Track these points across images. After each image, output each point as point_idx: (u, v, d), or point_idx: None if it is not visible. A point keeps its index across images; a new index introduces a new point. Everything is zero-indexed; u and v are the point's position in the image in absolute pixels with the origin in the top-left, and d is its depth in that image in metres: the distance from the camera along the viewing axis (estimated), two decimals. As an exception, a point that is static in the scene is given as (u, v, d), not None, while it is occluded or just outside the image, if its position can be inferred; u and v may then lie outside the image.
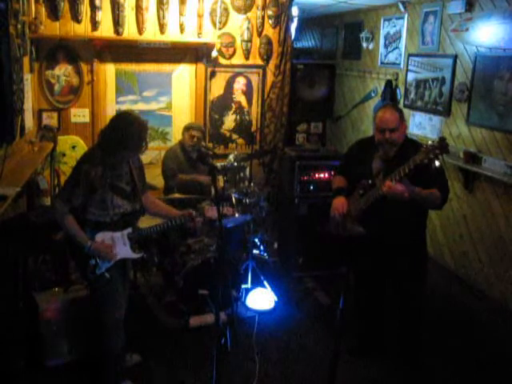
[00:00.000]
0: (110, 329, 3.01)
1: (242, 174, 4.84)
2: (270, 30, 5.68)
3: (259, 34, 5.64)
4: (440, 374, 3.41)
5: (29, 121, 4.53)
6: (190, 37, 5.38)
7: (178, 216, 3.20)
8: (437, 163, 2.80)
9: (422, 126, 5.17)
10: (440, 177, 3.04)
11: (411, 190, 2.87)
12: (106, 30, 5.12)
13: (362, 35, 6.06)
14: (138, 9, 5.15)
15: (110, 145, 2.84)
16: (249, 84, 5.78)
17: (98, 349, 3.07)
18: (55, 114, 5.16)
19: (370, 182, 3.12)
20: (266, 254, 4.94)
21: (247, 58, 5.66)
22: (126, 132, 2.81)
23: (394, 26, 5.63)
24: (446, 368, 3.46)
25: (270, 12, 5.61)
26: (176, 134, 5.41)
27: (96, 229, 2.90)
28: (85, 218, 2.87)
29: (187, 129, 4.63)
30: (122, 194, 2.94)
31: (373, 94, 6.09)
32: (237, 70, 5.70)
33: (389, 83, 5.64)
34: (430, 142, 2.78)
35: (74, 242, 2.87)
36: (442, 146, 2.74)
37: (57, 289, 3.49)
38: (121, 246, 2.98)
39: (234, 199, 4.41)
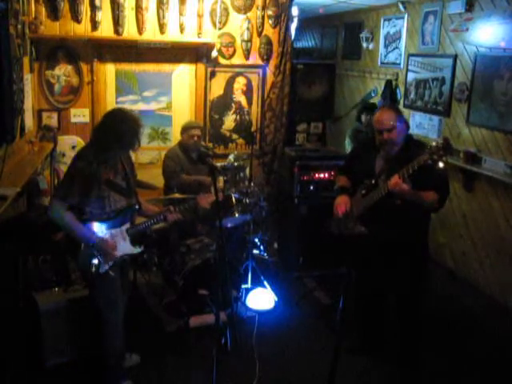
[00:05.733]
0: (111, 328, 3.01)
1: (241, 174, 4.84)
2: (270, 30, 5.68)
3: (259, 34, 5.64)
4: (440, 373, 3.41)
5: (29, 121, 4.53)
6: (190, 37, 5.37)
7: (157, 214, 3.23)
8: (440, 164, 2.81)
9: (421, 125, 5.17)
10: (442, 178, 3.04)
11: (413, 193, 2.91)
12: (105, 30, 5.11)
13: (362, 35, 6.06)
14: (138, 9, 5.14)
15: (102, 142, 2.84)
16: (249, 84, 5.78)
17: (99, 349, 3.08)
18: (55, 114, 5.15)
19: (372, 182, 3.13)
20: (265, 254, 4.94)
21: (247, 58, 5.66)
22: (118, 129, 2.81)
23: (394, 26, 5.63)
24: (446, 368, 3.46)
25: (269, 12, 5.60)
26: (176, 134, 5.40)
27: (93, 227, 2.88)
28: (81, 218, 2.85)
29: (186, 129, 4.61)
30: (118, 189, 2.95)
31: (373, 94, 6.09)
32: (237, 69, 5.70)
33: (389, 83, 5.65)
34: (433, 143, 2.79)
35: (76, 238, 2.85)
36: (446, 147, 2.75)
37: (57, 289, 3.49)
38: (121, 242, 2.97)
39: (233, 199, 4.41)
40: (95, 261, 2.85)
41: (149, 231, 3.71)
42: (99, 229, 2.90)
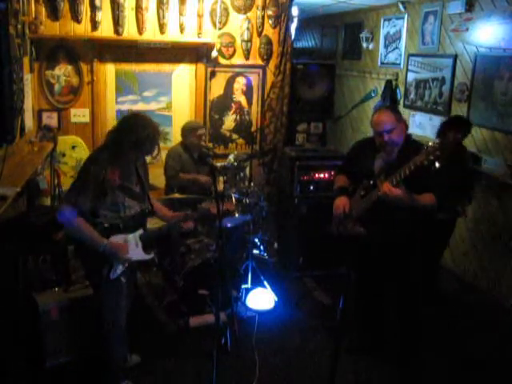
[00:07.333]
0: (115, 333, 3.00)
1: (241, 174, 4.84)
2: (270, 30, 5.68)
3: (259, 34, 5.65)
4: (440, 373, 3.41)
5: (29, 121, 4.53)
6: (190, 37, 5.37)
7: (172, 219, 3.21)
8: (437, 165, 2.80)
9: (422, 126, 5.17)
10: (439, 179, 3.04)
11: (407, 197, 2.89)
12: (106, 29, 5.11)
13: (362, 35, 6.06)
14: (138, 9, 5.15)
15: (119, 146, 2.76)
16: (249, 84, 5.78)
17: (101, 351, 3.07)
18: (55, 114, 5.15)
19: (371, 182, 3.12)
20: (265, 254, 4.94)
21: (247, 58, 5.66)
22: (139, 135, 2.74)
23: (394, 26, 5.63)
24: (446, 368, 3.46)
25: (269, 12, 5.61)
26: (176, 134, 5.41)
27: (107, 232, 2.80)
28: (95, 221, 2.76)
29: (192, 130, 4.59)
30: (132, 194, 2.88)
31: (373, 94, 6.09)
32: (237, 69, 5.70)
33: (389, 83, 5.64)
34: (430, 144, 2.79)
35: (87, 243, 2.74)
36: (442, 147, 2.74)
37: (57, 289, 3.49)
38: (133, 248, 2.91)
39: (233, 199, 4.41)
40: (106, 266, 2.79)
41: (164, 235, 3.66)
42: (112, 234, 2.82)
